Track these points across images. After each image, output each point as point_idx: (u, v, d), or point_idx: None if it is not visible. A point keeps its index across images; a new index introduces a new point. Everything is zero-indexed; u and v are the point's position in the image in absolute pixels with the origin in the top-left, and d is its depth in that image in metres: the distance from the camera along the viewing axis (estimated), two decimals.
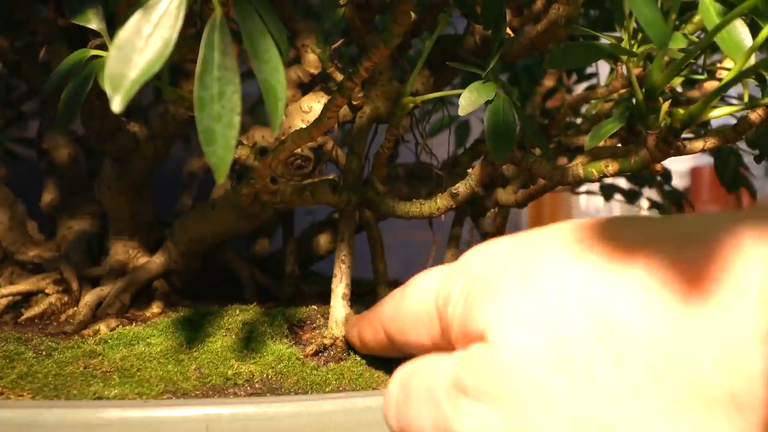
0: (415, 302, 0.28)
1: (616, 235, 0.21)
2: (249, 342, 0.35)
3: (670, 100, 0.28)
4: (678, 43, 0.32)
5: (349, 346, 0.36)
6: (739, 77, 0.24)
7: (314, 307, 0.41)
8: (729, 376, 0.17)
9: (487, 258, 0.24)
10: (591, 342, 0.19)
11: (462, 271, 0.25)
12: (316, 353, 0.35)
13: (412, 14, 0.29)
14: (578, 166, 0.34)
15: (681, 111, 0.27)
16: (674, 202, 0.70)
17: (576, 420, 0.19)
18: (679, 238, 0.20)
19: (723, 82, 0.25)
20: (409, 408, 0.24)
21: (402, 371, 0.26)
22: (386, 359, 0.35)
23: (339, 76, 0.41)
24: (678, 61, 0.26)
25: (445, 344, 0.26)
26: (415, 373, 0.25)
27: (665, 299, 0.19)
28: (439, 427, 0.22)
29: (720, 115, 0.27)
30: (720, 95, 0.26)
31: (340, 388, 0.32)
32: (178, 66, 0.41)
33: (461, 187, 0.35)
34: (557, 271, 0.21)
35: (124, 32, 0.19)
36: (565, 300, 0.20)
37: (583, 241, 0.21)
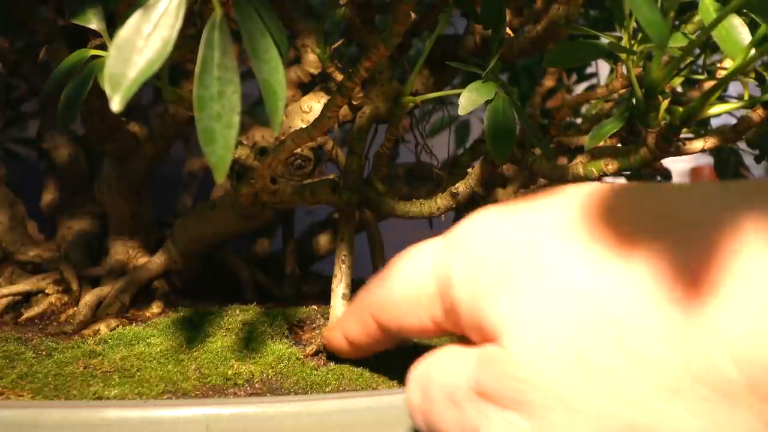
0: (409, 285, 0.26)
1: (620, 219, 0.21)
2: (249, 342, 0.35)
3: (669, 98, 0.29)
4: (678, 42, 0.32)
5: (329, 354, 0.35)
6: (736, 72, 0.24)
7: (314, 307, 0.40)
8: (747, 370, 0.17)
9: (485, 234, 0.24)
10: (608, 343, 0.19)
11: (458, 248, 0.24)
12: (316, 353, 0.35)
13: (412, 14, 0.29)
14: (578, 164, 0.34)
15: (680, 109, 0.28)
16: None
17: (602, 420, 0.19)
18: (683, 225, 0.19)
19: (722, 77, 0.25)
20: (435, 414, 0.24)
21: (417, 374, 0.25)
22: (386, 359, 0.35)
23: (339, 76, 0.41)
24: (677, 58, 0.26)
25: (449, 324, 0.25)
26: (431, 376, 0.24)
27: (674, 296, 0.18)
28: None
29: (719, 112, 0.27)
30: (718, 91, 0.26)
31: (340, 388, 0.32)
32: (179, 66, 0.41)
33: (461, 187, 0.35)
34: (565, 267, 0.21)
35: (124, 32, 0.19)
36: (576, 300, 0.20)
37: (586, 226, 0.21)
